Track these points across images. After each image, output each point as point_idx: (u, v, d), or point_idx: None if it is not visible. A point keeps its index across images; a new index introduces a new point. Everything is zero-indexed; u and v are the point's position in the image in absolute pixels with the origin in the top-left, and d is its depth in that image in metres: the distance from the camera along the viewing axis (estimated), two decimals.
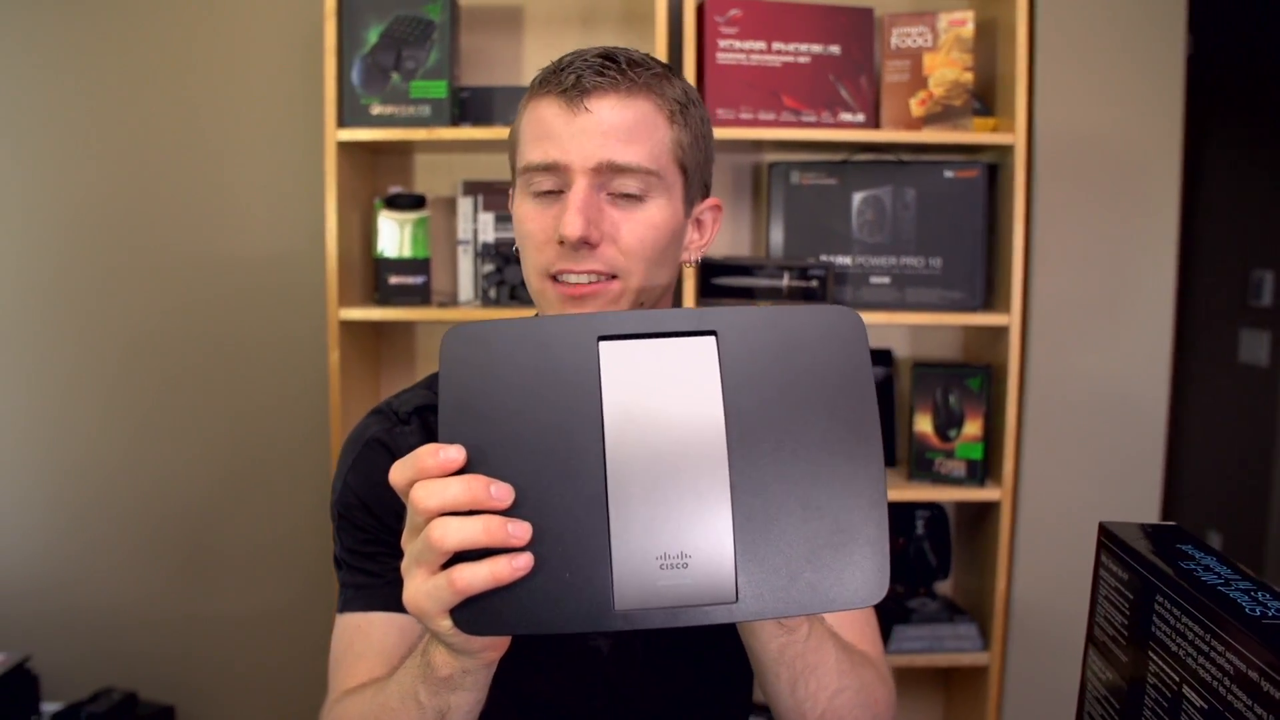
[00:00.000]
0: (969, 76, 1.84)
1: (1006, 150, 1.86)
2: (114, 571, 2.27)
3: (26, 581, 2.28)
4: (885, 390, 2.13)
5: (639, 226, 0.86)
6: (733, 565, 0.60)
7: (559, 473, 0.60)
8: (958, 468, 1.92)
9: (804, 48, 1.86)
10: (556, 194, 0.86)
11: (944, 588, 2.16)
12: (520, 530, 0.59)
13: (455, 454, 0.60)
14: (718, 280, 1.95)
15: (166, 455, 2.23)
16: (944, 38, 1.84)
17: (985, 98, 1.96)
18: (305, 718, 1.04)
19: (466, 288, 2.04)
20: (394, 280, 1.99)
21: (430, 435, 0.95)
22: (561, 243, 0.85)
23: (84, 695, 2.14)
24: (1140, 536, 0.73)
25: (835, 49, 1.86)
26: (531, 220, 0.87)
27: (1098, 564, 0.76)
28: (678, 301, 1.94)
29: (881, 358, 2.14)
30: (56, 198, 2.20)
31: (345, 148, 1.91)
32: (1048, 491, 1.89)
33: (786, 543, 0.61)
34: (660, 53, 1.84)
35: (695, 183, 0.92)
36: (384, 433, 0.96)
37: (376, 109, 1.89)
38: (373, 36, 1.87)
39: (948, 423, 1.94)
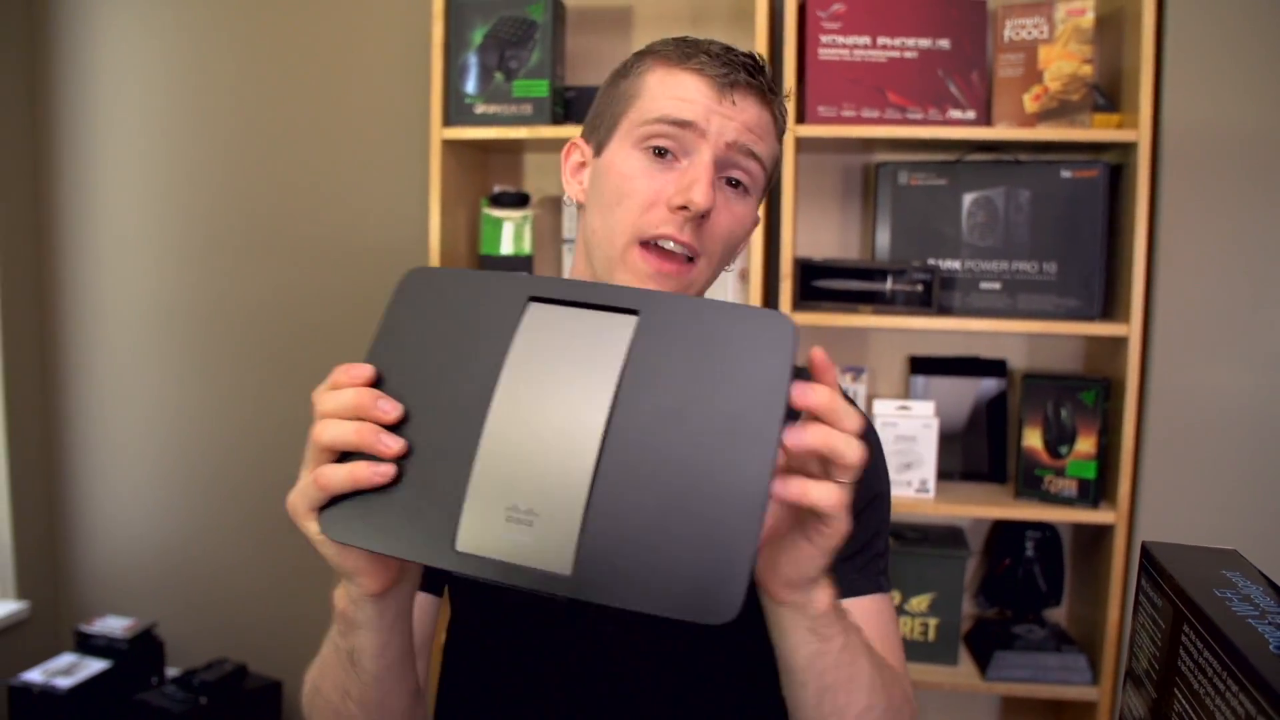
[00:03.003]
0: (1088, 69, 1.72)
1: (1130, 148, 1.73)
2: (235, 549, 2.39)
3: (158, 554, 2.44)
4: (998, 404, 2.02)
5: (733, 218, 0.89)
6: (576, 536, 0.58)
7: (446, 412, 0.62)
8: (1068, 487, 1.80)
9: (911, 42, 1.78)
10: (668, 158, 0.87)
11: (1056, 615, 2.03)
12: (391, 441, 0.61)
13: (361, 371, 0.64)
14: (819, 283, 1.90)
15: (282, 439, 2.34)
16: (1061, 29, 1.73)
17: (1110, 93, 1.83)
18: None
19: None
20: None
21: None
22: (683, 208, 0.84)
23: (200, 663, 2.26)
24: (1183, 559, 0.66)
25: (944, 43, 1.78)
26: (642, 178, 0.86)
27: (1139, 589, 0.69)
28: (774, 305, 1.90)
29: (994, 368, 2.03)
30: (186, 191, 2.34)
31: (451, 146, 1.96)
32: (1168, 517, 1.74)
33: (639, 530, 0.58)
34: (760, 49, 1.80)
35: (764, 195, 0.95)
36: None
37: (480, 108, 1.92)
38: (478, 37, 1.91)
39: (1059, 438, 1.82)
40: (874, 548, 0.94)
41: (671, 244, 0.85)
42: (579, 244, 0.94)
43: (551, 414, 0.61)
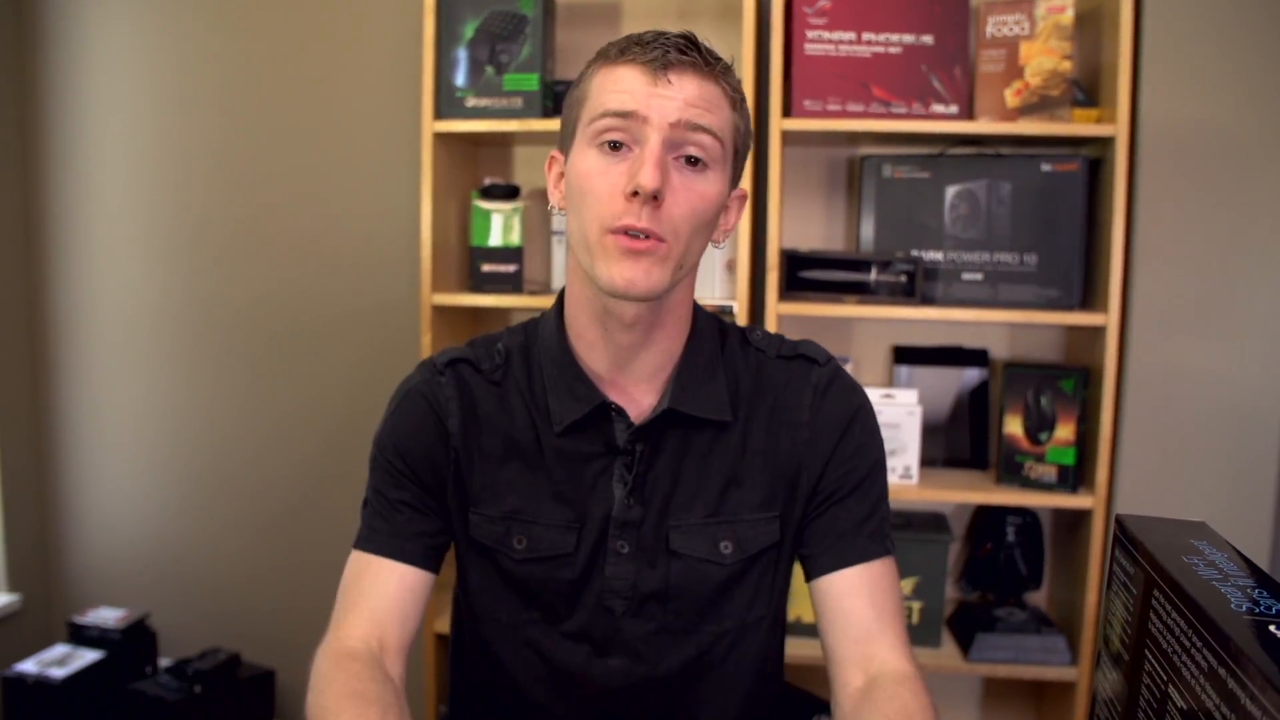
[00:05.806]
0: (1067, 65, 1.76)
1: (1108, 143, 1.78)
2: (226, 540, 2.41)
3: (150, 546, 2.45)
4: (979, 392, 2.06)
5: (694, 196, 0.90)
6: None
7: None
8: (1048, 472, 1.85)
9: (895, 38, 1.82)
10: (623, 150, 0.90)
11: (1037, 599, 2.08)
12: None
13: None
14: (805, 274, 1.93)
15: (273, 430, 2.36)
16: (1042, 25, 1.77)
17: (1089, 88, 1.88)
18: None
19: (559, 277, 2.08)
20: (486, 268, 2.05)
21: (463, 387, 1.02)
22: (634, 194, 0.87)
23: (193, 653, 2.28)
24: (1154, 530, 0.70)
25: (928, 39, 1.81)
26: (599, 175, 0.90)
27: (1112, 559, 0.73)
28: (761, 295, 1.93)
29: (976, 358, 2.08)
30: (175, 185, 2.36)
31: (443, 139, 1.98)
32: (1145, 502, 1.79)
33: None
34: (747, 44, 1.83)
35: (739, 168, 0.97)
36: (423, 384, 1.04)
37: (471, 101, 1.94)
38: (469, 31, 1.93)
39: (1039, 425, 1.86)
40: (880, 512, 1.02)
41: (634, 231, 0.88)
42: (568, 246, 0.98)
43: None
